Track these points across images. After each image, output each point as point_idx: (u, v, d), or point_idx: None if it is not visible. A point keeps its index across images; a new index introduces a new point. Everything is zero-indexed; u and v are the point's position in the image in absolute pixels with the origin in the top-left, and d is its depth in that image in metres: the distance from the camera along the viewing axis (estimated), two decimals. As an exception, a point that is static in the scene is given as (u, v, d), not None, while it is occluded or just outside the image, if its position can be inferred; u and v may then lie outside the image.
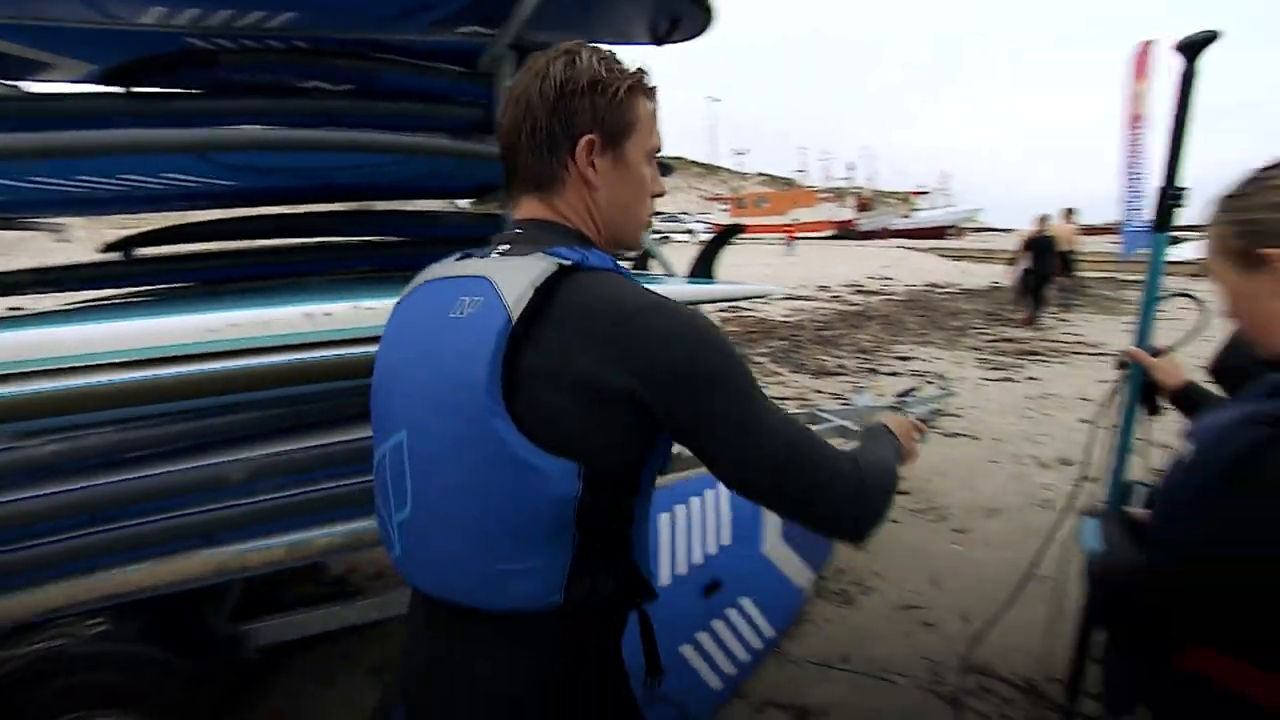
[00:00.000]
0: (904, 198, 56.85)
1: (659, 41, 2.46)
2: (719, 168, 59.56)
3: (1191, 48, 1.43)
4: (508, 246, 0.81)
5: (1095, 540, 1.01)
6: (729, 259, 3.02)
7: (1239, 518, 0.77)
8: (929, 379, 4.88)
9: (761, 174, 58.69)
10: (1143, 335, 1.58)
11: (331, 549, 1.72)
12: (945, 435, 4.97)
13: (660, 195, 0.92)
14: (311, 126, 1.89)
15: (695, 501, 2.10)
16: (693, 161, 57.42)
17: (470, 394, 0.69)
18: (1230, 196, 0.90)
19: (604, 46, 0.83)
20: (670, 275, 2.86)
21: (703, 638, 2.02)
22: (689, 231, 30.35)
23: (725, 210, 40.38)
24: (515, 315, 0.68)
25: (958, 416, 5.54)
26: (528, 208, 0.85)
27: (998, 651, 2.48)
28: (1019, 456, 4.58)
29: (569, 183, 0.82)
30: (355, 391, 1.82)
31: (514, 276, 0.71)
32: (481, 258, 0.82)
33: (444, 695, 0.78)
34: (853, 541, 0.79)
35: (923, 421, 1.07)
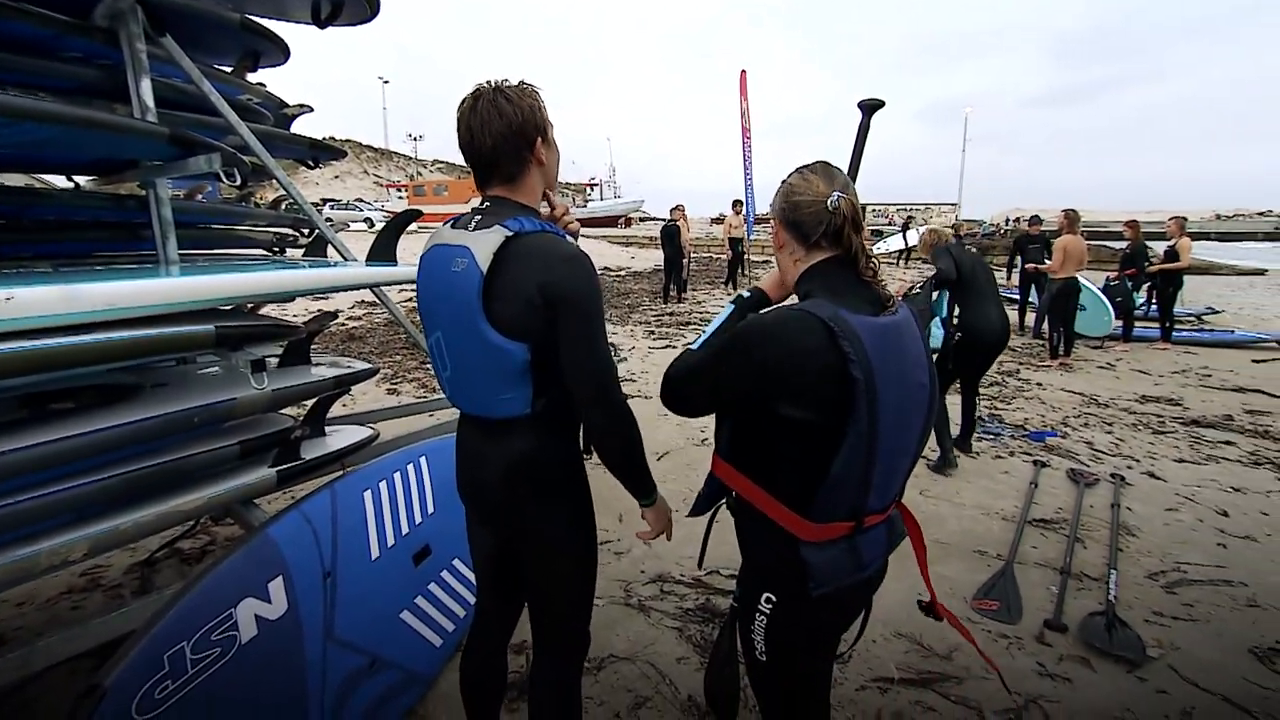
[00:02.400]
0: (579, 189, 60.57)
1: (321, 24, 2.36)
2: (393, 153, 55.92)
3: (870, 109, 1.86)
4: (480, 218, 1.30)
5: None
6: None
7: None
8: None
9: (439, 161, 56.72)
10: None
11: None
12: (625, 397, 5.68)
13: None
14: None
15: (397, 476, 2.15)
16: (366, 146, 52.91)
17: (469, 313, 1.24)
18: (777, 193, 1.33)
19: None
20: (349, 261, 2.79)
21: (421, 602, 2.11)
22: (367, 221, 27.97)
23: (403, 198, 38.31)
24: (485, 269, 1.22)
25: (632, 380, 6.35)
26: (495, 190, 1.36)
27: (672, 561, 3.05)
28: (682, 408, 5.48)
29: (530, 169, 1.35)
30: None
31: (483, 246, 1.24)
32: (466, 229, 1.30)
33: (480, 466, 1.40)
34: (594, 432, 1.31)
35: None
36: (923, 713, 2.09)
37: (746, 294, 1.49)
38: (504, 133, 1.29)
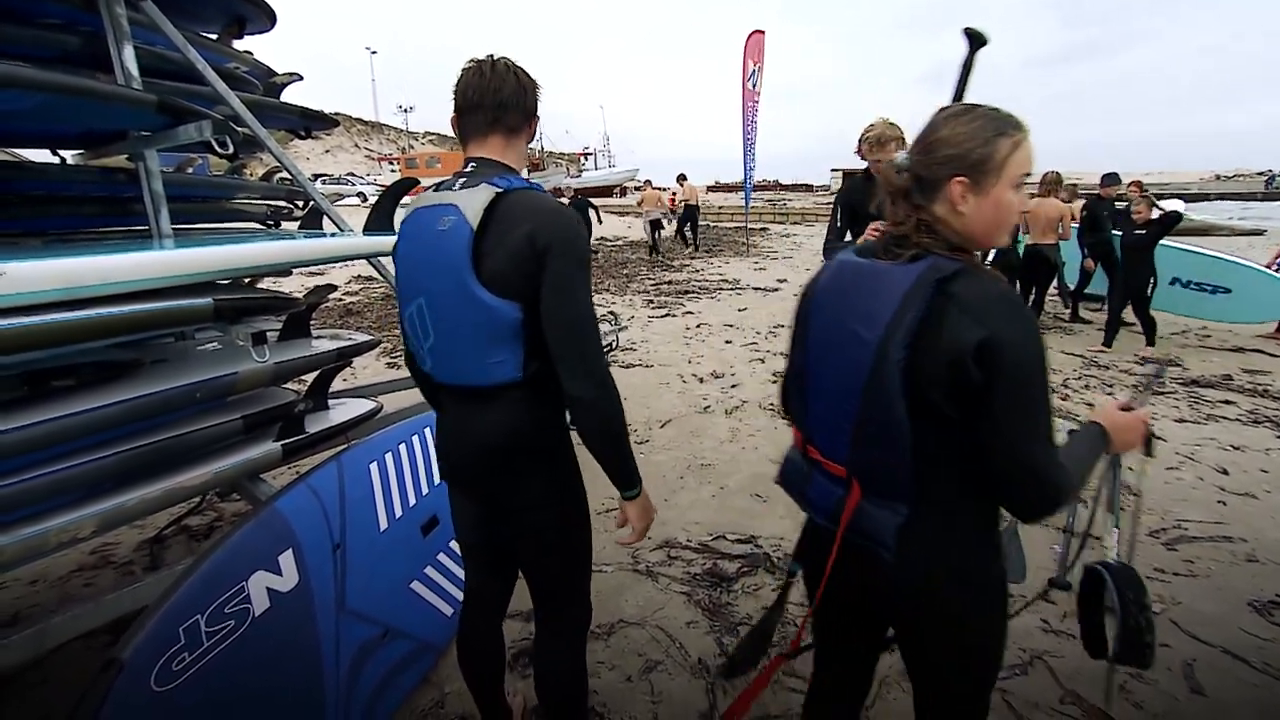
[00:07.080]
0: (573, 159, 59.74)
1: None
2: (384, 125, 54.95)
3: (975, 40, 1.65)
4: (465, 179, 1.28)
5: None
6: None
7: None
8: (604, 319, 5.53)
9: (430, 133, 55.76)
10: None
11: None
12: (623, 367, 5.67)
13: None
14: None
15: (403, 448, 2.13)
16: (356, 119, 51.92)
17: (458, 271, 1.21)
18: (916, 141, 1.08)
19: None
20: (345, 231, 2.74)
21: (430, 572, 2.12)
22: (360, 195, 27.82)
23: (395, 171, 37.82)
24: (475, 226, 1.20)
25: (632, 349, 6.33)
26: (488, 148, 1.33)
27: (679, 527, 3.07)
28: (683, 376, 5.47)
29: (524, 133, 1.37)
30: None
31: (472, 202, 1.21)
32: (450, 189, 1.28)
33: (468, 439, 1.36)
34: (573, 402, 1.25)
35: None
36: (929, 670, 2.12)
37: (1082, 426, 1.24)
38: (517, 89, 1.32)
